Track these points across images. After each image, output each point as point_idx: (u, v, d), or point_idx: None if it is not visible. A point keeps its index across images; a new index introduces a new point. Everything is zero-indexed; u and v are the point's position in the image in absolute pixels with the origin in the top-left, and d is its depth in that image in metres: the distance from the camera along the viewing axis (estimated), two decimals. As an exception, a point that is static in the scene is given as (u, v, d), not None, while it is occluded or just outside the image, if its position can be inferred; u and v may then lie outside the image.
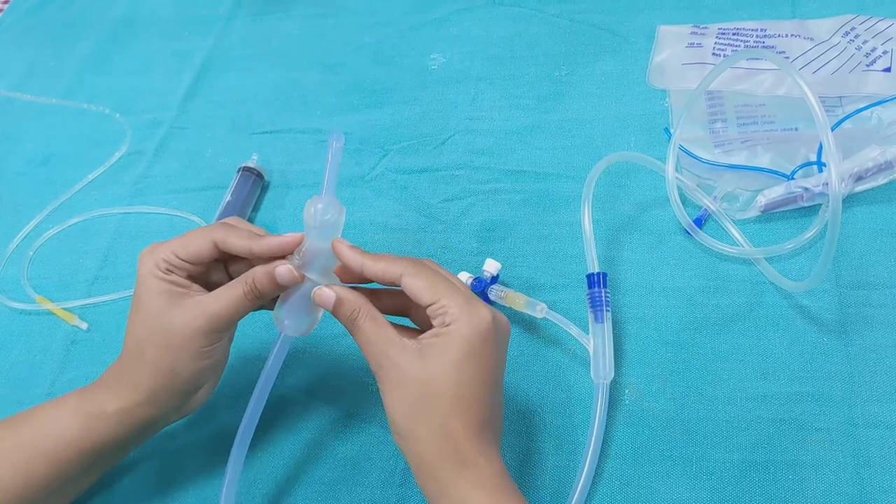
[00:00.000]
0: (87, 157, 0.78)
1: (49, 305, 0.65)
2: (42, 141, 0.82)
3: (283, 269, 0.45)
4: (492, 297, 0.57)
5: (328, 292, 0.45)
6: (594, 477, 0.49)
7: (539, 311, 0.54)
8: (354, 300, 0.45)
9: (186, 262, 0.46)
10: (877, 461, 0.48)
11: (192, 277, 0.47)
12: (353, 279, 0.47)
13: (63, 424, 0.46)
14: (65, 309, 0.65)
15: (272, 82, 0.81)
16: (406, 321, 0.47)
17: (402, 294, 0.45)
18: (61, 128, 0.82)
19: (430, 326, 0.43)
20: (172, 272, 0.46)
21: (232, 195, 0.68)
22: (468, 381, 0.42)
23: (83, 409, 0.47)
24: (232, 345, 0.50)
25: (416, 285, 0.43)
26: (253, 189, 0.69)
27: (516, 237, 0.63)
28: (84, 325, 0.64)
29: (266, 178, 0.71)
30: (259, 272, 0.45)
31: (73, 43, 0.92)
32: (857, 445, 0.49)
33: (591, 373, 0.52)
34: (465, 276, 0.59)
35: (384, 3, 0.86)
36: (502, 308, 0.58)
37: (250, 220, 0.69)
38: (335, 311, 0.45)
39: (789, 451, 0.49)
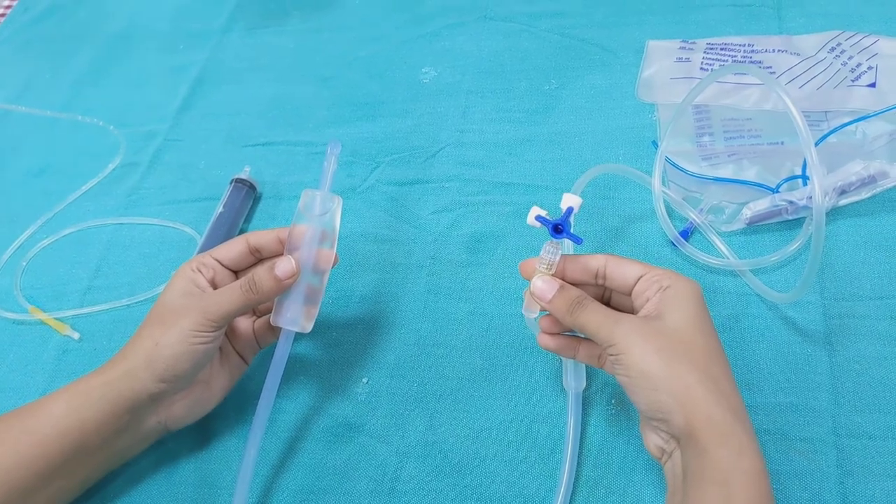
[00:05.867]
0: (81, 169, 0.78)
1: (41, 315, 0.65)
2: (38, 152, 0.82)
3: (285, 262, 0.49)
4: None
5: (550, 282, 0.47)
6: (576, 486, 0.50)
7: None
8: (575, 288, 0.47)
9: (219, 261, 0.52)
10: (860, 471, 0.48)
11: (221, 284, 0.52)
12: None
13: (50, 402, 0.48)
14: (57, 319, 0.65)
15: (266, 95, 0.82)
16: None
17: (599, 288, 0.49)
18: (57, 140, 0.83)
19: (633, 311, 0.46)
20: (200, 272, 0.51)
21: (224, 206, 0.69)
22: (709, 331, 0.43)
23: (71, 387, 0.49)
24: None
25: (624, 265, 0.46)
26: (245, 200, 0.70)
27: (505, 248, 0.64)
28: (76, 335, 0.64)
29: (258, 189, 0.72)
30: (260, 268, 0.50)
31: (70, 56, 0.93)
32: (841, 455, 0.49)
33: (563, 381, 0.53)
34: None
35: (377, 18, 0.87)
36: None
37: (242, 231, 0.69)
38: (556, 298, 0.47)
39: (774, 460, 0.49)
